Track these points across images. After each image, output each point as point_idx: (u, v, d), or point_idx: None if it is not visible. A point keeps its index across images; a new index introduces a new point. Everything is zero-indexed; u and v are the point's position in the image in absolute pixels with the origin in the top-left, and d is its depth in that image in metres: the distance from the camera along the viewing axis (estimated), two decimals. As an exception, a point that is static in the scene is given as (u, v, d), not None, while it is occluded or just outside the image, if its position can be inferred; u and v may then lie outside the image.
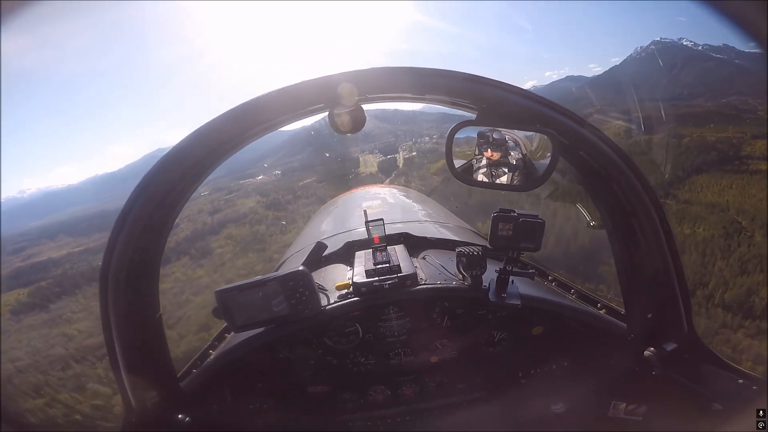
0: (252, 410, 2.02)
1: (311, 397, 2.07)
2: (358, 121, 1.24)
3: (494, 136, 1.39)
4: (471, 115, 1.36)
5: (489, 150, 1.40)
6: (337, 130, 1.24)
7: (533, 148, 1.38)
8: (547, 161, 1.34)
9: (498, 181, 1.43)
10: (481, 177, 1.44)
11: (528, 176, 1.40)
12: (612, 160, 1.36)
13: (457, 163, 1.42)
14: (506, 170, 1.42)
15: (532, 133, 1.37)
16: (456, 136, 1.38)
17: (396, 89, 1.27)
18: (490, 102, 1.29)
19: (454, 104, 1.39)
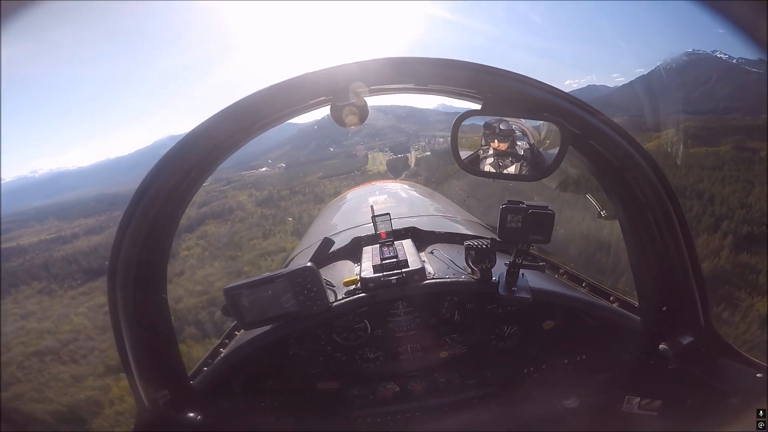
0: (262, 407, 2.03)
1: (321, 393, 2.07)
2: (361, 114, 1.22)
3: (501, 127, 1.36)
4: (477, 106, 1.33)
5: (496, 141, 1.38)
6: (339, 123, 1.22)
7: (541, 138, 1.35)
8: (555, 151, 1.30)
9: (506, 171, 1.40)
10: (487, 167, 1.41)
11: (536, 166, 1.37)
12: (625, 151, 1.32)
13: (464, 153, 1.40)
14: (514, 160, 1.39)
15: (540, 122, 1.34)
16: (462, 124, 1.35)
17: (398, 80, 1.24)
18: (496, 91, 1.26)
19: (459, 95, 1.36)
